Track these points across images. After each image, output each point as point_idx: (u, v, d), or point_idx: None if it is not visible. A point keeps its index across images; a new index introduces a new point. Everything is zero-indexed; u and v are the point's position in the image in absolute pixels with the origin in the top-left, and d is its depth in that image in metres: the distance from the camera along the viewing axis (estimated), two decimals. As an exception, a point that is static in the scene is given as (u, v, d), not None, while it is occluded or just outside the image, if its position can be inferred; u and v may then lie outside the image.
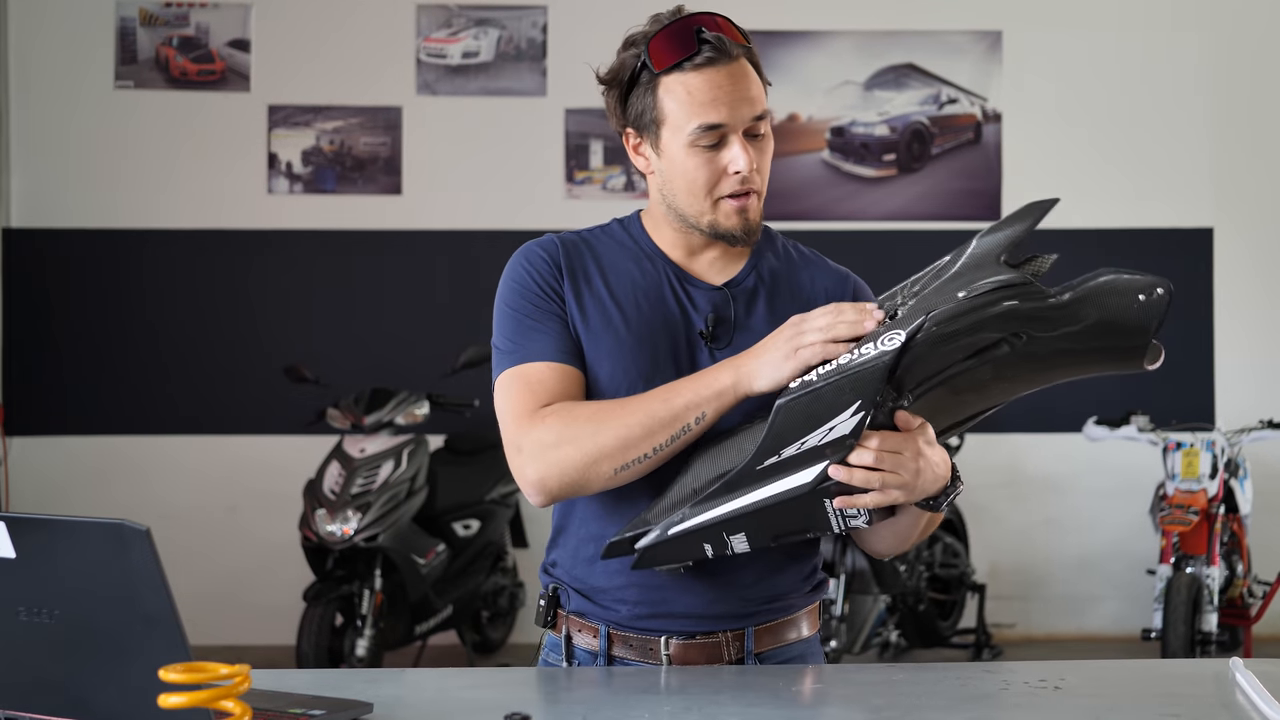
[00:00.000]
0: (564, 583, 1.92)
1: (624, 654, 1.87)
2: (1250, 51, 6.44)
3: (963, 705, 1.64)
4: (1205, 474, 5.18)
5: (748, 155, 1.82)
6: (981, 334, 1.63)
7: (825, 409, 1.64)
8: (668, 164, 1.86)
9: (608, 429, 1.76)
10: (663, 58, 1.81)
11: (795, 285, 1.95)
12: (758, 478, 1.68)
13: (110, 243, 6.29)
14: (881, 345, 1.62)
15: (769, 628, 1.90)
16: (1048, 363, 1.69)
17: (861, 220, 6.36)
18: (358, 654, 4.91)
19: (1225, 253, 6.39)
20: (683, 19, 1.83)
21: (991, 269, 1.67)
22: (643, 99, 1.85)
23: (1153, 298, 1.66)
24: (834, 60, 6.37)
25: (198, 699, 1.22)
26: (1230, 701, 1.64)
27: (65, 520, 1.35)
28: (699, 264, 1.93)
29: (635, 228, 1.97)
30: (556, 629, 1.93)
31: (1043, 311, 1.64)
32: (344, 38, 6.33)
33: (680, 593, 1.85)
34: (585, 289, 1.89)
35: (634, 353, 1.86)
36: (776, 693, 1.73)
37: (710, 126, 1.81)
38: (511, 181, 6.20)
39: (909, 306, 1.67)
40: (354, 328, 6.25)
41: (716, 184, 1.84)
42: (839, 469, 1.66)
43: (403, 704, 1.68)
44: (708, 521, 1.71)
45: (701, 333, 1.88)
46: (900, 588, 5.24)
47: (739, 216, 1.86)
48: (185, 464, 6.24)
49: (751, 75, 1.85)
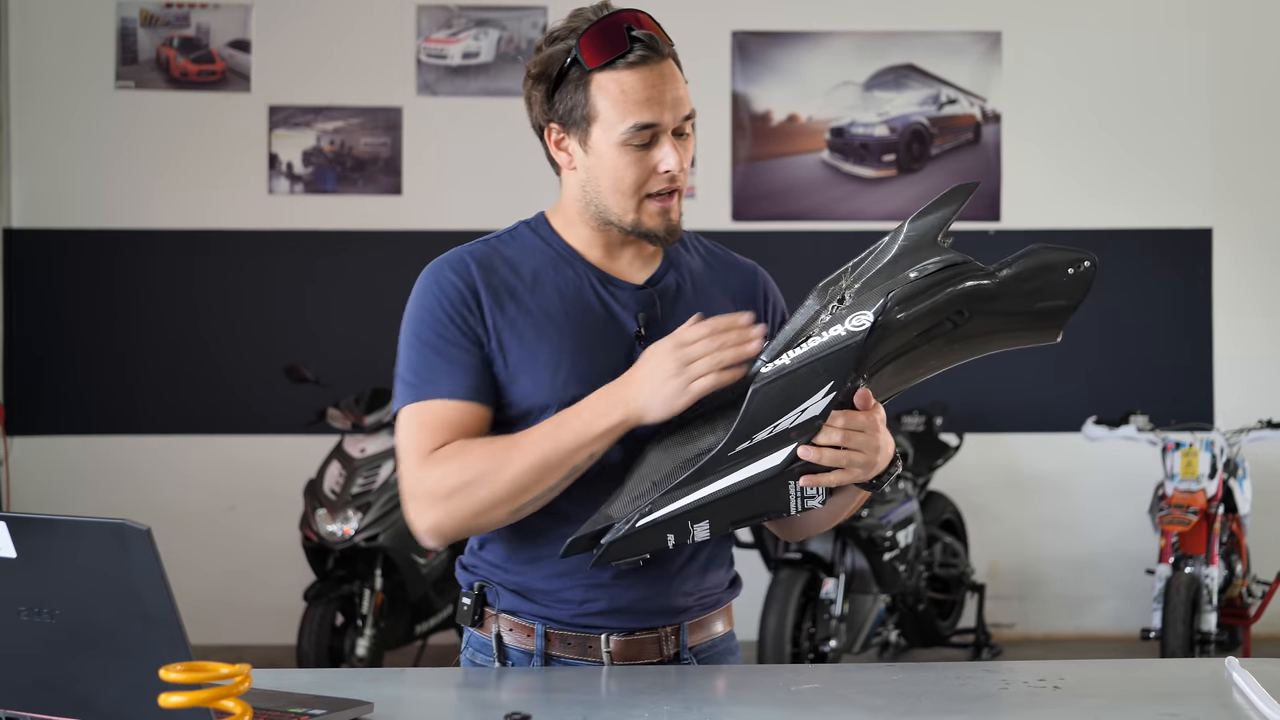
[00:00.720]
0: (491, 581, 1.90)
1: (562, 653, 1.86)
2: (1250, 52, 6.45)
3: (962, 705, 1.64)
4: (1204, 474, 5.19)
5: (678, 155, 1.82)
6: (936, 312, 1.67)
7: (800, 391, 1.67)
8: (595, 161, 1.84)
9: (500, 476, 1.75)
10: (595, 55, 1.80)
11: (711, 281, 1.96)
12: (729, 464, 1.69)
13: (111, 243, 6.29)
14: (849, 326, 1.64)
15: (700, 622, 1.92)
16: (980, 337, 1.74)
17: (861, 220, 6.36)
18: (358, 654, 4.92)
19: (1224, 253, 6.39)
20: (611, 15, 1.82)
21: (931, 249, 1.70)
22: (573, 95, 1.83)
23: (1080, 270, 1.72)
24: (834, 61, 6.37)
25: (198, 698, 1.22)
26: (1229, 701, 1.65)
27: (66, 520, 1.35)
28: (619, 263, 1.92)
29: (545, 229, 1.93)
30: (484, 628, 1.90)
31: (988, 288, 1.68)
32: (344, 38, 6.33)
33: (623, 590, 1.85)
34: (509, 303, 1.85)
35: (573, 360, 1.83)
36: (776, 692, 1.73)
37: (644, 126, 1.80)
38: (512, 181, 6.19)
39: (855, 289, 1.70)
40: (354, 328, 6.26)
41: (645, 182, 1.83)
42: (808, 449, 1.68)
43: (403, 704, 1.68)
44: (676, 511, 1.71)
45: (637, 334, 1.86)
46: (900, 587, 5.24)
47: (662, 217, 1.85)
48: (186, 464, 6.24)
49: (678, 75, 1.85)
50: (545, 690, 1.73)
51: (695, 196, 6.28)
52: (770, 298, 2.01)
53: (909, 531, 5.27)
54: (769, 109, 6.32)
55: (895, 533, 5.14)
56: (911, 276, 1.67)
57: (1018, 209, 6.36)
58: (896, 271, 1.69)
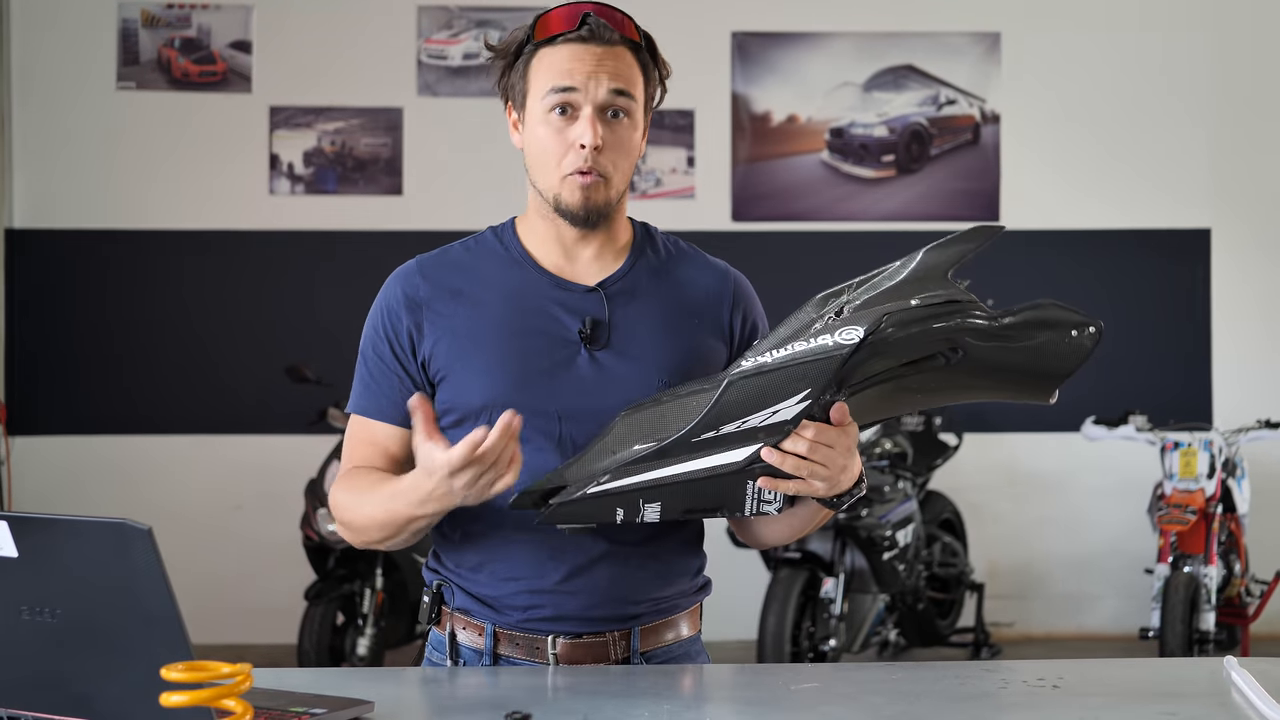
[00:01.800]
0: (450, 580, 1.91)
1: (510, 653, 1.87)
2: (1248, 52, 6.45)
3: (961, 704, 1.64)
4: (1203, 473, 5.19)
5: (594, 131, 1.81)
6: (929, 343, 1.66)
7: (774, 392, 1.66)
8: (528, 135, 1.88)
9: (363, 520, 1.84)
10: (541, 31, 1.84)
11: (672, 283, 1.94)
12: (691, 449, 1.69)
13: (112, 243, 6.29)
14: (838, 338, 1.63)
15: (654, 627, 1.89)
16: (969, 382, 1.73)
17: (860, 221, 6.37)
18: (359, 653, 4.92)
19: (1223, 253, 6.40)
20: (580, 3, 1.85)
21: (940, 283, 1.68)
22: (519, 70, 1.88)
23: (1084, 335, 1.70)
24: (833, 61, 6.38)
25: (199, 698, 1.23)
26: (1227, 700, 1.65)
27: (67, 519, 1.35)
28: (575, 265, 1.92)
29: (508, 234, 1.95)
30: (441, 626, 1.92)
31: (986, 331, 1.67)
32: (345, 39, 6.34)
33: (567, 597, 1.85)
34: (451, 307, 1.89)
35: (507, 364, 1.84)
36: (775, 691, 1.73)
37: (560, 89, 1.82)
38: (512, 182, 6.18)
39: (855, 305, 1.68)
40: (355, 328, 6.22)
41: (564, 156, 1.84)
42: (772, 452, 1.68)
43: (404, 703, 1.68)
44: (629, 486, 1.71)
45: (580, 333, 1.86)
46: (899, 587, 5.24)
47: (580, 193, 1.84)
48: (186, 463, 6.25)
49: (624, 58, 1.85)
50: (545, 689, 1.74)
51: (695, 197, 6.29)
52: (740, 304, 1.97)
53: (908, 531, 5.28)
54: (769, 109, 6.33)
55: (895, 532, 5.15)
56: (914, 303, 1.66)
57: (1017, 209, 6.37)
58: (899, 296, 1.67)
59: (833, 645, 4.86)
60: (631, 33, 1.85)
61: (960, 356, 1.68)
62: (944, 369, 1.69)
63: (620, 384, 1.84)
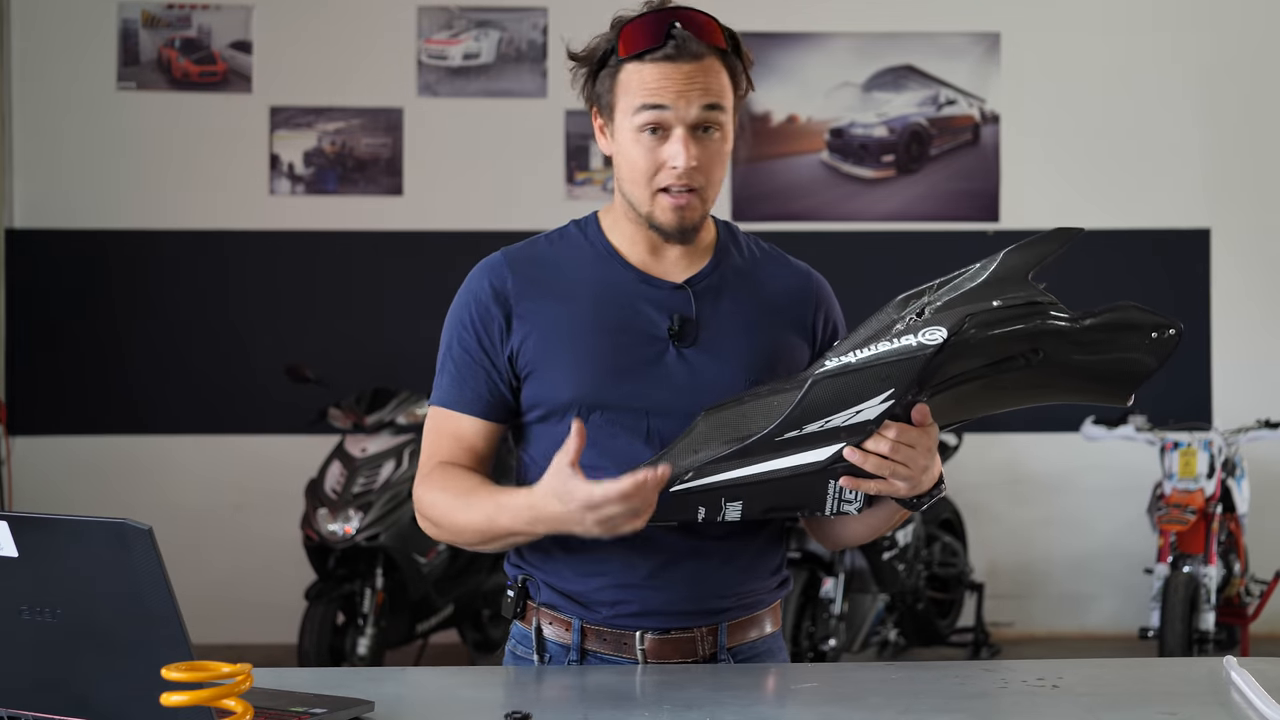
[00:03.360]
0: (534, 575, 1.92)
1: (597, 648, 1.87)
2: (1247, 53, 6.45)
3: (961, 703, 1.64)
4: (1202, 473, 5.19)
5: (688, 152, 1.80)
6: (1011, 344, 1.66)
7: (858, 391, 1.66)
8: (618, 149, 1.87)
9: (456, 524, 1.85)
10: (629, 45, 1.82)
11: (757, 282, 1.95)
12: (775, 448, 1.69)
13: (112, 243, 6.29)
14: (922, 339, 1.63)
15: (740, 623, 1.90)
16: (1049, 383, 1.73)
17: (860, 221, 6.37)
18: (359, 653, 4.92)
19: (1222, 253, 6.40)
20: (663, 10, 1.83)
21: (1021, 284, 1.69)
22: (604, 82, 1.87)
23: (1164, 336, 1.73)
24: (833, 62, 6.38)
25: (200, 697, 1.23)
26: (1227, 700, 1.65)
27: (68, 519, 1.35)
28: (662, 262, 1.92)
29: (592, 229, 1.95)
30: (526, 620, 1.92)
31: (1067, 333, 1.67)
32: (345, 39, 6.34)
33: (655, 592, 1.85)
34: (540, 301, 1.88)
35: (596, 360, 1.85)
36: (776, 691, 1.73)
37: (649, 106, 1.81)
38: (512, 182, 6.20)
39: (936, 306, 1.68)
40: (355, 328, 6.26)
41: (655, 174, 1.83)
42: (854, 452, 1.68)
43: (404, 703, 1.69)
44: (712, 484, 1.70)
45: (670, 330, 1.87)
46: (899, 586, 5.24)
47: (675, 213, 1.84)
48: (187, 463, 6.25)
49: (713, 71, 1.82)
50: (546, 689, 1.74)
51: (695, 197, 6.29)
52: (823, 305, 1.98)
53: (908, 531, 5.28)
54: (768, 110, 6.33)
55: (894, 532, 5.15)
56: (995, 304, 1.66)
57: (1016, 210, 6.37)
58: (981, 297, 1.67)
59: (833, 645, 4.86)
60: (719, 39, 1.83)
61: (1040, 358, 1.68)
62: (1024, 370, 1.69)
63: (708, 382, 1.84)
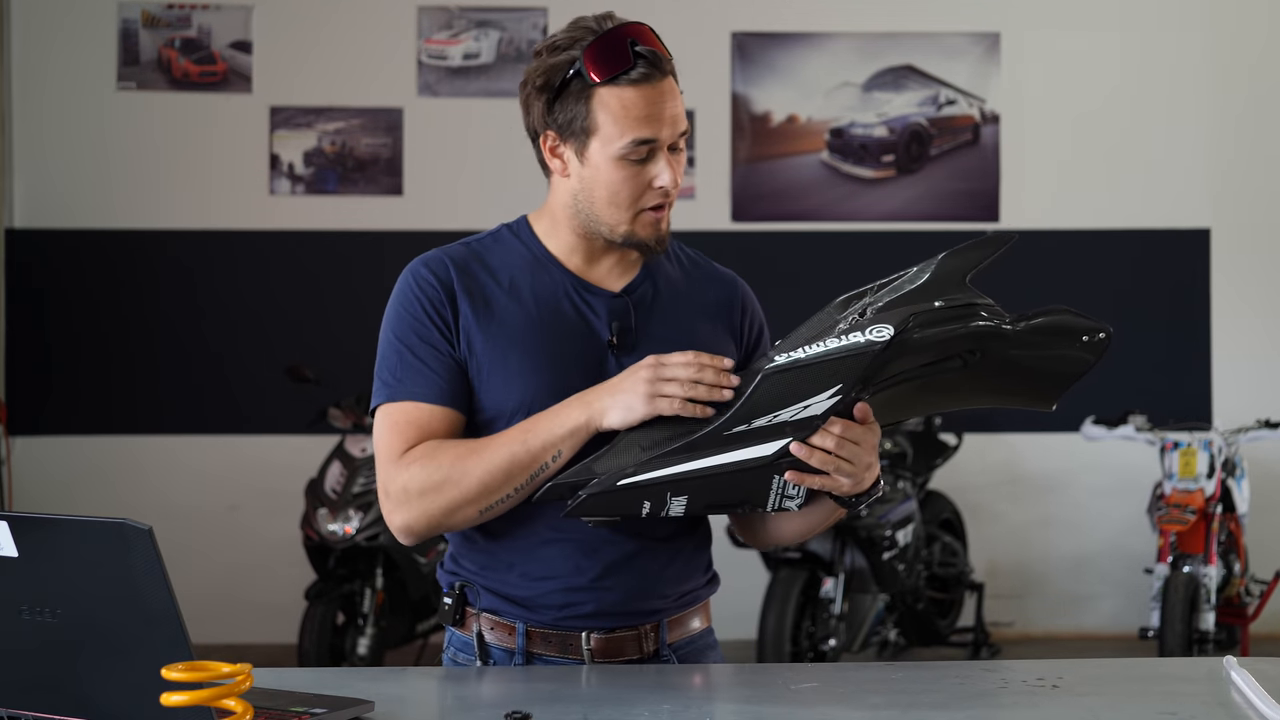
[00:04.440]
0: (474, 582, 1.91)
1: (543, 650, 1.87)
2: (1247, 53, 6.45)
3: (961, 703, 1.65)
4: (1202, 473, 5.19)
5: (673, 171, 1.84)
6: (951, 343, 1.70)
7: (807, 387, 1.68)
8: (591, 173, 1.85)
9: (469, 476, 1.78)
10: (599, 69, 1.80)
11: (687, 290, 1.97)
12: (722, 443, 1.71)
13: (113, 243, 6.29)
14: (869, 335, 1.67)
15: (678, 619, 1.93)
16: (981, 385, 1.77)
17: (860, 221, 6.37)
18: (359, 652, 4.92)
19: (1222, 253, 6.40)
20: (615, 30, 1.82)
21: (960, 288, 1.73)
22: (574, 107, 1.83)
23: (1095, 340, 1.75)
24: (833, 61, 6.38)
25: (200, 697, 1.23)
26: (1226, 700, 1.65)
27: (68, 519, 1.35)
28: (597, 270, 1.93)
29: (526, 233, 1.95)
30: (465, 627, 1.91)
31: (1005, 335, 1.71)
32: (345, 39, 6.34)
33: (603, 593, 1.86)
34: (483, 306, 1.87)
35: (544, 365, 1.85)
36: (775, 690, 1.74)
37: (643, 141, 1.81)
38: (512, 182, 6.19)
39: (878, 307, 1.71)
40: (355, 328, 6.24)
41: (640, 196, 1.85)
42: (801, 447, 1.70)
43: (404, 702, 1.69)
44: (659, 479, 1.71)
45: (609, 342, 1.88)
46: (899, 586, 5.24)
47: (654, 227, 1.87)
48: (187, 463, 6.25)
49: (677, 92, 1.86)
50: (546, 689, 1.74)
51: (695, 197, 6.29)
52: (748, 310, 2.02)
53: (908, 531, 5.28)
54: (768, 110, 6.33)
55: (894, 532, 5.15)
56: (936, 305, 1.70)
57: (1016, 209, 6.37)
58: (921, 299, 1.71)
59: (833, 645, 4.86)
60: (665, 50, 1.85)
61: (978, 359, 1.71)
62: (961, 370, 1.72)
63: None
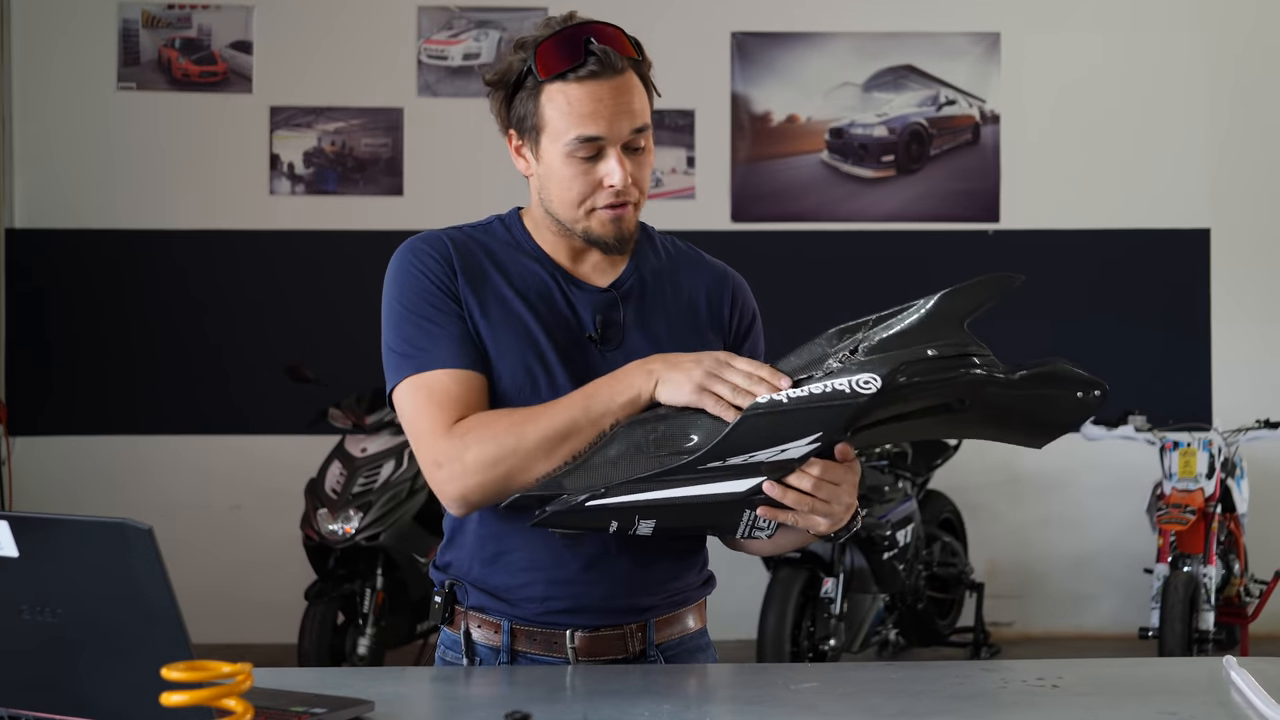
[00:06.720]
0: (461, 580, 1.91)
1: (528, 648, 1.87)
2: (1247, 53, 6.45)
3: (961, 703, 1.65)
4: (1202, 473, 5.19)
5: (623, 170, 1.81)
6: (940, 394, 1.67)
7: (787, 431, 1.65)
8: (545, 170, 1.85)
9: (528, 442, 1.73)
10: (548, 65, 1.79)
11: (675, 284, 1.96)
12: (695, 476, 1.68)
13: (113, 243, 6.30)
14: (856, 387, 1.63)
15: (667, 619, 1.92)
16: (970, 425, 1.76)
17: (860, 221, 6.37)
18: (359, 652, 4.92)
19: (1222, 254, 6.40)
20: (574, 27, 1.81)
21: (955, 331, 1.70)
22: (525, 104, 1.83)
23: (1089, 397, 1.72)
24: (833, 61, 6.38)
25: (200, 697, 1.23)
26: (1226, 700, 1.65)
27: (68, 519, 1.35)
28: (583, 266, 1.92)
29: (517, 227, 1.95)
30: (454, 626, 1.91)
31: (997, 383, 1.68)
32: (345, 39, 6.34)
33: (586, 587, 1.85)
34: (483, 286, 1.87)
35: (536, 350, 1.85)
36: (775, 690, 1.74)
37: (587, 139, 1.80)
38: (512, 182, 6.18)
39: (870, 345, 1.69)
40: (355, 328, 6.24)
41: (591, 195, 1.83)
42: (775, 487, 1.68)
43: (404, 702, 1.69)
44: (627, 504, 1.70)
45: (590, 336, 1.87)
46: (899, 586, 5.24)
47: (613, 225, 1.85)
48: (187, 463, 6.25)
49: (636, 88, 1.83)
50: (546, 688, 1.74)
51: (695, 197, 6.29)
52: (738, 303, 2.00)
53: (908, 531, 5.28)
54: (768, 110, 6.33)
55: (894, 532, 5.14)
56: (930, 354, 1.66)
57: (1016, 210, 6.37)
58: (915, 341, 1.68)
59: (832, 645, 4.86)
60: (630, 49, 1.83)
61: (966, 405, 1.69)
62: (948, 415, 1.70)
63: None
